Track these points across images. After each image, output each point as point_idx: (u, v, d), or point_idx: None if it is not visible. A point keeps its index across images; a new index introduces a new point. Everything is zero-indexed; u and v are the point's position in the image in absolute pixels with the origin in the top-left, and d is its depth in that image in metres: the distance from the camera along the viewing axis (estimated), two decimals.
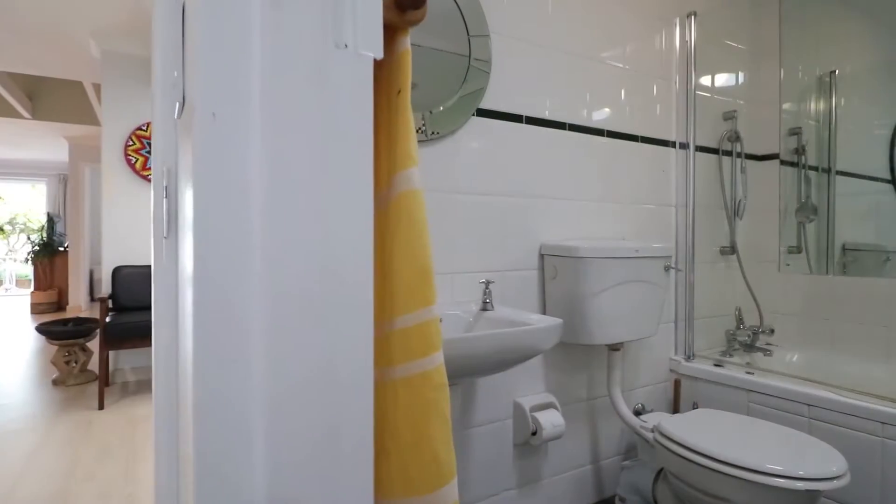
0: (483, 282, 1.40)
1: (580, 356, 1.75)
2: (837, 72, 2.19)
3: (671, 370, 2.01)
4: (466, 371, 1.08)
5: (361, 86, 0.40)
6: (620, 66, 1.85)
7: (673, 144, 2.03)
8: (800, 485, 1.13)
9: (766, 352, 2.10)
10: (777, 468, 1.16)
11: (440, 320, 0.58)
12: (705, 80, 2.12)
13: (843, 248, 2.13)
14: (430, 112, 1.40)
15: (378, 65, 0.56)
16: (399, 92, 0.56)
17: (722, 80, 2.21)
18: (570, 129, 1.71)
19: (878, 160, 2.07)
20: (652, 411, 1.88)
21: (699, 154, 2.08)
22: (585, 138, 1.76)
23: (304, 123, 0.38)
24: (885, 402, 1.46)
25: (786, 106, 2.25)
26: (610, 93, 1.82)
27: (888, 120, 2.07)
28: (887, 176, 2.07)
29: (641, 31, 1.92)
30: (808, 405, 1.60)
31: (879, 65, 2.13)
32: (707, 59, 2.11)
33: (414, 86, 1.37)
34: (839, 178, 2.15)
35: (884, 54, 2.14)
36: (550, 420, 1.52)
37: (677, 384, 1.97)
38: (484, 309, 1.37)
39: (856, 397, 1.52)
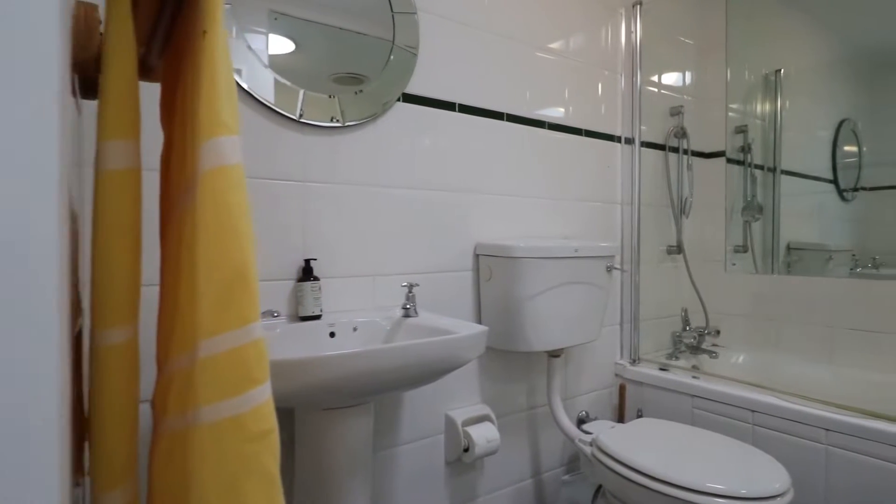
0: (405, 285, 1.26)
1: (519, 363, 1.63)
2: (783, 71, 2.16)
3: (616, 374, 1.92)
4: (371, 389, 0.94)
5: None
6: (564, 55, 1.74)
7: (618, 139, 1.94)
8: None
9: (712, 354, 2.05)
10: (719, 487, 1.07)
11: (265, 342, 0.44)
12: (652, 74, 2.05)
13: (788, 248, 2.11)
14: (354, 94, 1.25)
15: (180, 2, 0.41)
16: (204, 33, 0.42)
17: (669, 74, 2.14)
18: (508, 120, 1.59)
19: (821, 160, 2.05)
20: (596, 419, 1.78)
21: (645, 150, 2.00)
22: (526, 130, 1.64)
23: None
24: (828, 408, 1.40)
25: (732, 104, 2.21)
26: (552, 83, 1.71)
27: (831, 120, 2.05)
28: (830, 176, 2.05)
29: (587, 21, 1.82)
30: (752, 411, 1.53)
31: (823, 65, 2.11)
32: (654, 52, 2.04)
33: (358, 81, 1.22)
34: (784, 177, 2.13)
35: (827, 55, 2.11)
36: (484, 435, 1.40)
37: (622, 389, 1.88)
38: (406, 315, 1.23)
39: (800, 402, 1.46)
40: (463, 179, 1.49)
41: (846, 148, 2.04)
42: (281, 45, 1.15)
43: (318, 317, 1.16)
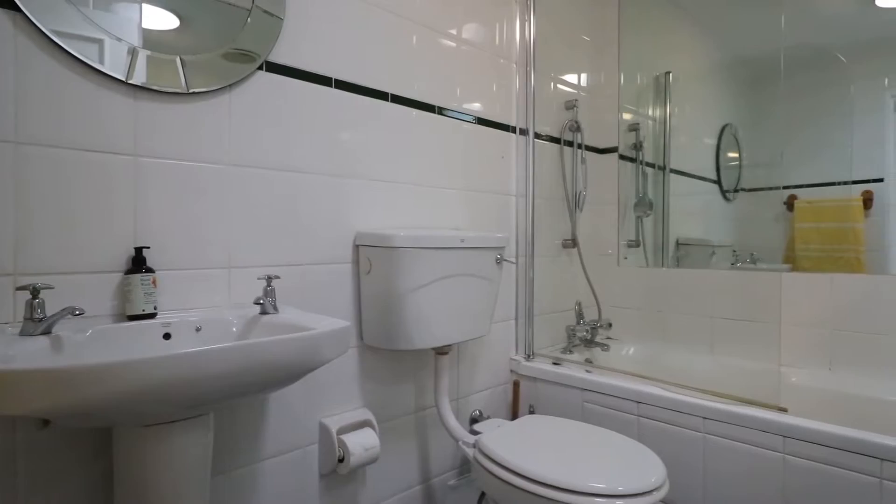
0: (263, 278, 1.10)
1: (406, 362, 1.52)
2: (671, 74, 2.23)
3: (512, 371, 1.87)
4: (200, 400, 0.78)
5: None
6: (459, 39, 1.66)
7: (514, 130, 1.89)
8: (619, 503, 1.00)
9: (604, 347, 2.06)
10: (598, 486, 1.02)
11: None
12: (548, 67, 2.02)
13: (677, 243, 2.18)
14: (192, 56, 1.07)
15: None
16: None
17: (565, 68, 2.13)
18: (393, 101, 1.48)
19: (706, 161, 2.13)
20: (489, 418, 1.72)
21: (542, 143, 1.97)
22: (414, 114, 1.54)
23: None
24: (706, 396, 1.42)
25: (626, 102, 2.25)
26: (445, 67, 1.62)
27: (715, 124, 2.14)
28: (714, 177, 2.14)
29: (483, 7, 1.75)
30: (637, 402, 1.53)
31: (707, 71, 2.20)
32: (550, 45, 2.02)
33: (211, 44, 1.04)
34: (673, 176, 2.20)
35: (710, 61, 2.20)
36: (361, 443, 1.27)
37: (516, 386, 1.83)
38: (264, 312, 1.07)
39: (680, 392, 1.47)
40: (342, 163, 1.36)
41: (729, 154, 2.13)
42: None
43: (151, 315, 0.98)
